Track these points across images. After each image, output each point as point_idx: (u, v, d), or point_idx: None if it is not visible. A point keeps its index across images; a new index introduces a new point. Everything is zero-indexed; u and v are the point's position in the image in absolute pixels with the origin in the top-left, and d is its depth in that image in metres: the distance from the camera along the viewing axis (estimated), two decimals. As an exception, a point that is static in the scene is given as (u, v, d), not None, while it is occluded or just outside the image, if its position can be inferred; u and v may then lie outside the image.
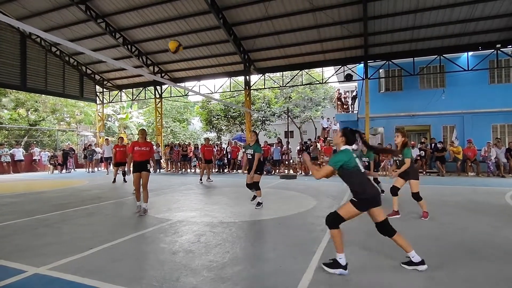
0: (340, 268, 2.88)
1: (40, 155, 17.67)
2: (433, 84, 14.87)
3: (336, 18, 12.37)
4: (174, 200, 7.12)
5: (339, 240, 2.94)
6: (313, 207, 6.06)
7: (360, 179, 2.98)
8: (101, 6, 13.49)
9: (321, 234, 4.15)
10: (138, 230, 4.50)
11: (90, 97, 20.52)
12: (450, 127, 14.42)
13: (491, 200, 6.60)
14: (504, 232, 4.20)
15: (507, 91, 13.49)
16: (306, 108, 24.21)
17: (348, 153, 3.01)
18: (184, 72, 17.89)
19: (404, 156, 4.98)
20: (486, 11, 11.23)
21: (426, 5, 11.23)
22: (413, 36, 12.87)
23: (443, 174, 12.14)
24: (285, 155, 14.45)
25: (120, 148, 11.03)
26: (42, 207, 6.39)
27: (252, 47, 14.72)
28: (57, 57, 17.93)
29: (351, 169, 2.95)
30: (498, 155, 11.68)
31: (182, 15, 13.33)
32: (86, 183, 11.08)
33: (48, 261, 3.22)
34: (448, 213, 5.40)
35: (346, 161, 2.95)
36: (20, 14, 14.36)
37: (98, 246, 3.72)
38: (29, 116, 26.40)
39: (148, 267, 3.09)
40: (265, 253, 3.45)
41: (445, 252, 3.43)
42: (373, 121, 15.04)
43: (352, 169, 2.96)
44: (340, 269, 2.88)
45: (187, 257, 3.36)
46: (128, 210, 6.02)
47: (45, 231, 4.50)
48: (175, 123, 30.46)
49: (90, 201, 7.10)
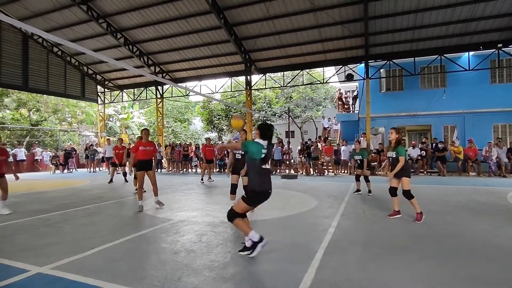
0: (257, 244, 3.15)
1: (42, 155, 17.72)
2: (434, 84, 14.85)
3: (337, 18, 12.37)
4: (175, 200, 7.14)
5: (242, 225, 3.21)
6: (314, 207, 6.07)
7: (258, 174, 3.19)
8: (102, 6, 13.52)
9: (322, 234, 4.16)
10: (139, 230, 4.52)
11: (92, 97, 20.56)
12: (451, 127, 14.40)
13: (493, 200, 6.59)
14: (505, 232, 4.20)
15: (508, 90, 13.46)
16: (307, 108, 24.20)
17: (257, 145, 3.23)
18: (185, 72, 17.91)
19: (398, 154, 4.98)
20: (487, 10, 11.21)
21: (427, 5, 11.22)
22: (414, 36, 12.85)
23: (444, 174, 12.12)
24: (286, 155, 14.45)
25: (120, 150, 11.09)
26: (44, 207, 6.41)
27: (253, 47, 14.72)
28: (59, 57, 17.97)
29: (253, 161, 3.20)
30: (499, 155, 11.66)
31: (183, 15, 13.34)
32: (88, 183, 11.11)
33: (50, 261, 3.24)
34: (449, 213, 5.40)
35: (253, 151, 3.19)
36: (22, 15, 14.40)
37: (100, 246, 3.74)
38: (31, 116, 26.46)
39: (150, 267, 3.10)
40: (267, 253, 3.46)
41: (446, 252, 3.43)
42: (374, 121, 15.03)
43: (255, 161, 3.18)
44: (258, 244, 3.15)
45: (188, 257, 3.38)
46: (129, 210, 6.04)
47: (47, 231, 4.52)
48: (176, 123, 30.49)
49: (91, 201, 7.12)
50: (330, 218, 5.07)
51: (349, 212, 5.60)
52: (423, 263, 3.13)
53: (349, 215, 5.37)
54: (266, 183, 3.25)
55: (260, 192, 3.22)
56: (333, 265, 3.09)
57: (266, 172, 3.27)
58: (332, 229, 4.41)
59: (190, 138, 29.57)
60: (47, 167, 17.29)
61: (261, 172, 3.22)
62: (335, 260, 3.22)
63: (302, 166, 14.21)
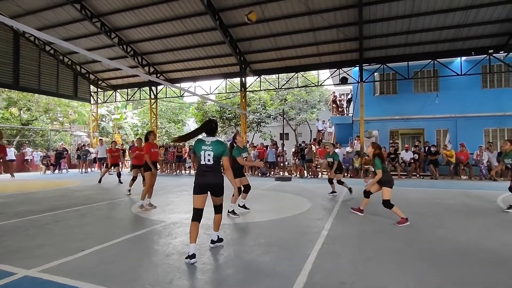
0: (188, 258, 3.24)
1: (32, 155, 17.43)
2: (427, 88, 15.04)
3: (332, 22, 12.45)
4: (168, 202, 7.07)
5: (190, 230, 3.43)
6: (308, 210, 6.07)
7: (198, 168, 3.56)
8: (96, 5, 13.39)
9: (316, 236, 4.15)
10: (131, 231, 4.46)
11: (84, 97, 20.32)
12: (444, 130, 14.58)
13: (483, 204, 6.68)
14: (495, 235, 4.25)
15: (499, 96, 13.70)
16: (302, 111, 24.28)
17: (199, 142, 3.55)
18: (179, 73, 17.84)
19: (375, 168, 5.09)
20: (478, 17, 11.41)
21: (421, 10, 11.37)
22: (407, 40, 13.01)
23: (436, 177, 12.25)
24: (280, 157, 14.47)
25: (114, 152, 11.01)
26: (34, 208, 6.30)
27: (248, 49, 14.73)
28: (51, 56, 17.74)
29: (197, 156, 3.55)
30: (490, 159, 11.83)
31: (178, 16, 13.29)
32: (79, 184, 10.96)
33: (39, 263, 3.17)
34: (441, 216, 5.45)
35: (194, 148, 3.57)
36: (13, 12, 14.20)
37: (90, 248, 3.67)
38: (22, 115, 26.06)
39: (141, 270, 3.06)
40: (259, 256, 3.44)
41: (438, 255, 3.45)
42: (368, 124, 15.14)
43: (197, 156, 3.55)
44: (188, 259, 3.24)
45: (180, 259, 3.34)
46: (121, 212, 5.96)
47: (37, 232, 4.43)
48: (170, 124, 30.32)
49: (82, 202, 7.01)
50: (323, 221, 5.07)
51: (342, 214, 5.61)
52: (414, 266, 3.15)
53: (342, 217, 5.38)
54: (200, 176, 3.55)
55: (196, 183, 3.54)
56: (326, 268, 3.09)
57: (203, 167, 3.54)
58: (325, 231, 4.41)
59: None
60: (37, 168, 17.02)
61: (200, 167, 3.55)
62: (328, 263, 3.22)
63: (296, 168, 14.23)
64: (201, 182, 3.49)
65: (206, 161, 3.48)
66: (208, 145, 3.49)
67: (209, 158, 3.47)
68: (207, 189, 3.52)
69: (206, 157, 3.48)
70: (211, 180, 3.51)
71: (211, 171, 3.51)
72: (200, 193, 3.49)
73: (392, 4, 11.31)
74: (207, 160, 3.48)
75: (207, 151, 3.48)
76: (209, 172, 3.50)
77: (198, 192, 3.49)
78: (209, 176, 3.50)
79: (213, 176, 3.52)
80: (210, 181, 3.51)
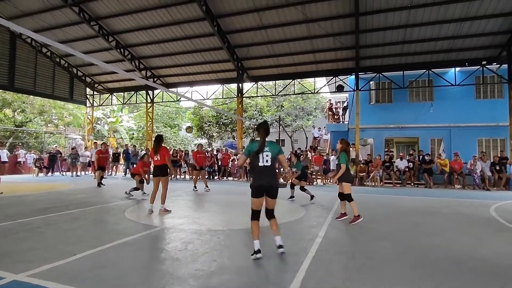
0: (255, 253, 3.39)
1: (26, 157, 17.22)
2: (421, 97, 15.21)
3: (329, 30, 12.61)
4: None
5: (253, 229, 3.55)
6: (302, 216, 6.06)
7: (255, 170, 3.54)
8: (95, 9, 13.42)
9: (310, 243, 4.14)
10: (123, 236, 4.40)
11: (80, 100, 20.22)
12: (438, 139, 14.72)
13: (477, 213, 6.72)
14: (488, 244, 4.27)
15: (492, 106, 13.89)
16: (298, 117, 24.40)
17: (255, 143, 3.56)
18: (176, 78, 17.86)
19: (340, 162, 5.55)
20: (472, 29, 11.63)
21: (416, 20, 11.57)
22: (403, 50, 13.20)
23: (430, 186, 12.33)
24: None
25: (103, 154, 10.94)
26: (25, 210, 6.20)
27: (245, 55, 14.83)
28: (48, 58, 17.67)
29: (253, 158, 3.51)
30: (483, 168, 11.94)
31: (176, 21, 13.36)
32: (72, 187, 10.83)
33: (28, 267, 3.11)
34: (435, 225, 5.47)
35: (250, 150, 3.55)
36: (11, 14, 14.16)
37: (82, 252, 3.61)
38: (16, 116, 25.81)
39: (134, 275, 3.02)
40: (253, 262, 3.42)
41: (432, 264, 3.46)
42: (363, 132, 15.23)
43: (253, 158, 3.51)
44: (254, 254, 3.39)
45: (173, 265, 3.30)
46: (114, 216, 5.89)
47: (27, 236, 4.36)
48: (166, 128, 30.24)
49: (75, 205, 6.92)
50: (318, 228, 5.06)
51: (336, 222, 5.61)
52: (408, 274, 3.15)
53: (336, 225, 5.37)
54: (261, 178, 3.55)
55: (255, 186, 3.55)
56: (319, 275, 3.07)
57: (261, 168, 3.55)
58: (319, 239, 4.40)
59: (179, 144, 29.33)
60: (30, 170, 16.82)
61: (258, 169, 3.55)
62: (321, 270, 3.20)
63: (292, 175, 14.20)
64: (262, 184, 3.47)
65: (264, 162, 3.44)
66: (266, 146, 3.46)
67: (267, 159, 3.45)
68: (267, 190, 3.51)
69: (264, 158, 3.44)
70: (271, 181, 3.52)
71: (270, 172, 3.52)
72: (261, 196, 3.50)
73: (388, 15, 11.49)
74: (265, 161, 3.44)
75: (265, 152, 3.44)
76: (268, 173, 3.50)
77: (259, 195, 3.49)
78: (268, 177, 3.50)
79: (272, 177, 3.55)
80: (271, 183, 3.50)
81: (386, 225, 5.39)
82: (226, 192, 10.05)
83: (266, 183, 3.49)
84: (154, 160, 6.17)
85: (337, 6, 11.60)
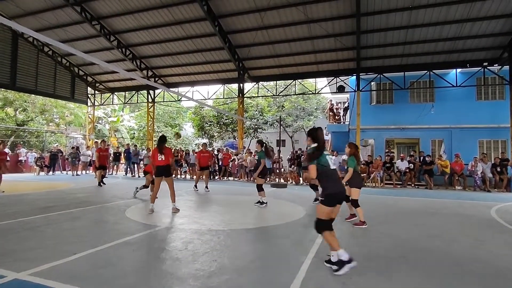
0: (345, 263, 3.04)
1: (27, 156, 17.26)
2: (422, 98, 15.19)
3: (330, 31, 12.60)
4: (163, 206, 7.02)
5: (329, 239, 3.19)
6: (303, 217, 6.06)
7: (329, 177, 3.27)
8: (96, 8, 13.45)
9: (310, 244, 4.14)
10: (124, 236, 4.41)
11: (81, 99, 20.26)
12: (439, 141, 14.69)
13: (477, 214, 6.71)
14: (488, 246, 4.27)
15: (493, 108, 13.86)
16: (299, 118, 24.39)
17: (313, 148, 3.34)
18: (178, 78, 17.88)
19: (348, 165, 5.50)
20: (474, 30, 11.62)
21: (417, 21, 11.56)
22: (404, 51, 13.19)
23: (431, 187, 12.31)
24: (276, 163, 14.46)
25: (103, 152, 10.93)
26: (26, 209, 6.22)
27: (246, 55, 14.83)
28: (49, 57, 17.72)
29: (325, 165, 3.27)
30: (484, 169, 11.92)
31: (178, 21, 13.38)
32: (72, 186, 10.85)
33: (29, 266, 3.13)
34: (435, 226, 5.47)
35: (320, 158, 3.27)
36: (13, 13, 14.21)
37: (82, 252, 3.63)
38: (17, 115, 25.87)
39: (133, 275, 3.02)
40: (253, 263, 3.42)
41: (431, 265, 3.46)
42: (364, 133, 15.22)
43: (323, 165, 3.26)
44: (346, 264, 3.04)
45: (173, 265, 3.31)
46: (114, 215, 5.90)
47: (28, 235, 4.37)
48: (167, 128, 30.25)
49: (76, 204, 6.94)
50: (318, 229, 5.06)
51: (336, 223, 5.60)
52: (407, 276, 3.15)
53: (337, 225, 5.35)
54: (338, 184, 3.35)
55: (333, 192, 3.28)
56: (319, 276, 3.08)
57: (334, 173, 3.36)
58: (320, 239, 4.39)
59: (180, 143, 29.34)
60: (31, 169, 16.85)
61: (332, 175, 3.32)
62: (321, 271, 3.20)
63: (291, 175, 14.23)
64: (341, 191, 3.28)
65: (332, 165, 3.28)
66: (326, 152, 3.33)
67: (334, 164, 3.31)
68: (342, 197, 3.31)
69: (332, 163, 3.28)
70: (343, 187, 3.38)
71: (338, 176, 3.40)
72: (337, 204, 3.27)
73: (390, 15, 11.49)
74: (333, 164, 3.30)
75: (329, 156, 3.31)
76: (338, 177, 3.39)
77: (336, 203, 3.25)
78: (340, 183, 3.40)
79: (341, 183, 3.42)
80: (343, 189, 3.36)
81: (387, 226, 5.39)
82: (226, 192, 10.06)
83: (342, 188, 3.32)
84: (157, 160, 6.18)
85: (338, 7, 11.60)
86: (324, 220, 3.20)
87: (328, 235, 3.17)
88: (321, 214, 3.22)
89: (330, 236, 3.18)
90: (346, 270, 3.03)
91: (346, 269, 3.03)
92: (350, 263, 3.03)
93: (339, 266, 3.07)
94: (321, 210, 3.22)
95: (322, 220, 3.21)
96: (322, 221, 3.21)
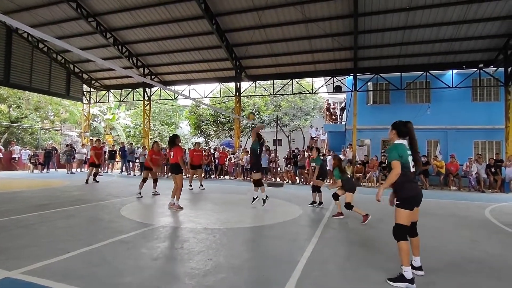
0: (405, 281, 2.82)
1: (21, 153, 17.08)
2: (419, 99, 15.27)
3: (327, 30, 12.61)
4: (158, 205, 6.98)
5: (406, 252, 2.91)
6: (299, 216, 6.05)
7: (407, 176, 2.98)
8: (92, 5, 13.32)
9: (305, 243, 4.13)
10: (118, 234, 4.37)
11: (77, 96, 20.08)
12: (434, 141, 14.79)
13: (472, 215, 6.76)
14: (483, 246, 4.29)
15: (488, 109, 13.98)
16: (295, 117, 24.41)
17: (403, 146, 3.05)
18: (174, 76, 17.79)
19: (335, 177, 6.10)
20: (470, 32, 11.70)
21: (415, 22, 11.61)
22: (401, 51, 13.25)
23: (426, 187, 12.37)
24: (273, 162, 14.45)
25: (98, 150, 10.88)
26: (19, 207, 6.14)
27: (244, 54, 14.80)
28: (44, 54, 17.52)
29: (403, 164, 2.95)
30: (479, 170, 12.01)
31: (175, 18, 13.30)
32: (67, 184, 10.76)
33: (21, 265, 3.08)
34: (430, 227, 5.48)
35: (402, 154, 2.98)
36: (7, 8, 14.00)
37: (76, 250, 3.58)
38: (11, 112, 25.58)
39: (128, 273, 2.99)
40: (249, 261, 3.41)
41: (427, 265, 3.46)
42: (360, 133, 15.27)
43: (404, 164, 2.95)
44: (406, 282, 2.81)
45: (168, 263, 3.28)
46: (109, 213, 5.85)
47: (21, 233, 4.31)
48: (163, 126, 30.11)
49: (70, 202, 6.87)
50: (314, 228, 5.06)
51: (332, 222, 5.62)
52: (404, 275, 3.14)
53: (332, 225, 5.38)
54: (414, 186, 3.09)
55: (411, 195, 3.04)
56: (314, 275, 3.07)
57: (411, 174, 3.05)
58: (315, 239, 4.39)
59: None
60: (25, 166, 16.68)
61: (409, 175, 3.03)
62: (317, 270, 3.20)
63: (287, 174, 14.24)
64: (418, 193, 3.05)
65: (412, 168, 3.01)
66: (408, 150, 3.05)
67: (413, 164, 3.03)
68: (420, 199, 3.10)
69: (411, 163, 3.00)
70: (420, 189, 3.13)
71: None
72: (415, 207, 3.05)
73: (387, 16, 11.52)
74: (412, 166, 3.01)
75: (409, 156, 3.02)
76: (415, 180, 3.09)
77: (414, 206, 3.02)
78: (416, 184, 3.13)
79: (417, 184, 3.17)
80: (420, 190, 3.11)
81: (382, 226, 5.40)
82: (222, 191, 10.03)
83: (419, 189, 3.10)
84: (170, 158, 6.65)
85: (336, 7, 11.60)
86: (404, 225, 2.96)
87: (405, 246, 2.92)
88: (400, 219, 2.97)
89: (407, 247, 2.93)
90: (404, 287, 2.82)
91: (403, 286, 2.82)
92: (412, 284, 2.79)
93: (399, 282, 2.85)
94: (400, 215, 2.97)
95: (401, 225, 2.96)
96: (401, 226, 2.96)
